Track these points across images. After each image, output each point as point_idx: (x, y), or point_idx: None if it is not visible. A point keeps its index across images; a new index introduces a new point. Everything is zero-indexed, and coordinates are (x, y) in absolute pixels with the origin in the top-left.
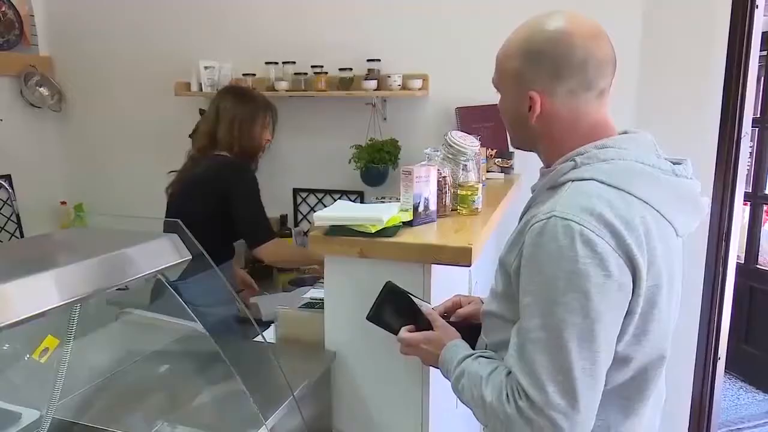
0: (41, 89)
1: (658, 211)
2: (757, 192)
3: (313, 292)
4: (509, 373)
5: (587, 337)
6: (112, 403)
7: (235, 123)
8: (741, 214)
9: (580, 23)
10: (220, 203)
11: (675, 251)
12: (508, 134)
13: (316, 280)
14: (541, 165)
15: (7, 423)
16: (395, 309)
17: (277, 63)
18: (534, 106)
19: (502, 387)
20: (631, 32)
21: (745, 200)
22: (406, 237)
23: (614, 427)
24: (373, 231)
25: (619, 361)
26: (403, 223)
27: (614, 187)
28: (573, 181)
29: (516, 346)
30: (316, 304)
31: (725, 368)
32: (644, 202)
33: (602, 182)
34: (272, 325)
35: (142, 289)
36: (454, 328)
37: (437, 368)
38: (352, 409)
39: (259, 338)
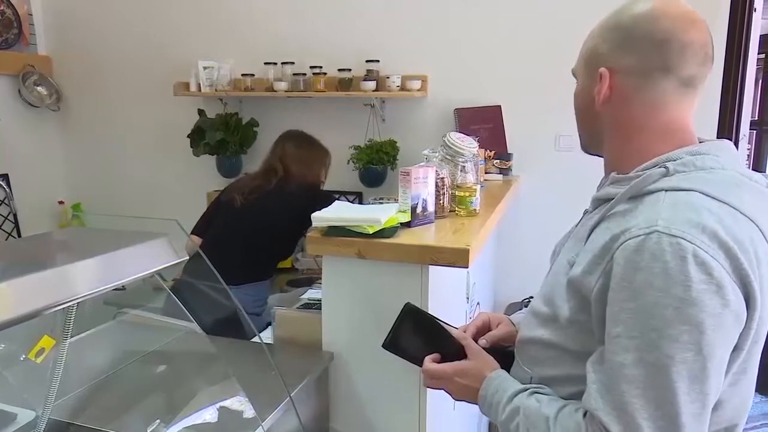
0: (39, 88)
1: (762, 232)
2: None
3: (310, 293)
4: (585, 414)
5: (699, 377)
6: (108, 403)
7: (303, 162)
8: None
9: (675, 5)
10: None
11: None
12: (578, 135)
13: (313, 281)
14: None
15: (3, 423)
16: (417, 334)
17: (276, 63)
18: (602, 86)
19: (581, 431)
20: None
21: None
22: (404, 238)
23: None
24: (371, 232)
25: (714, 406)
26: (401, 223)
27: (721, 201)
28: (667, 191)
29: (600, 383)
30: (314, 305)
31: None
32: (751, 220)
33: (707, 195)
34: (270, 325)
35: (140, 289)
36: (491, 356)
37: (473, 403)
38: (349, 410)
39: (256, 339)
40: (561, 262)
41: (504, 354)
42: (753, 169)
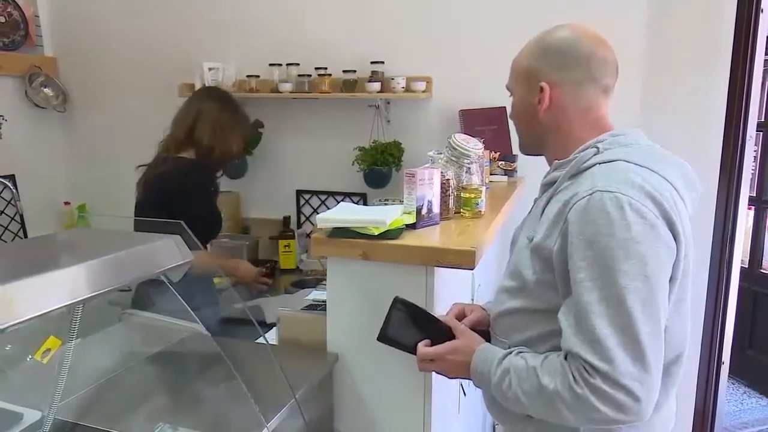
0: (46, 90)
1: (674, 188)
2: (761, 196)
3: (315, 294)
4: (566, 356)
5: (650, 301)
6: (113, 404)
7: (216, 128)
8: (745, 218)
9: (586, 30)
10: (177, 205)
11: (689, 224)
12: (518, 139)
13: (318, 282)
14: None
15: (9, 424)
16: (407, 324)
17: (281, 65)
18: (543, 98)
19: (566, 370)
20: (636, 33)
21: (749, 204)
22: (409, 239)
23: (658, 407)
24: (376, 233)
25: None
26: (407, 225)
27: (641, 166)
28: (600, 164)
29: (572, 326)
30: (319, 306)
31: (729, 373)
32: (665, 179)
33: (630, 161)
34: (275, 326)
35: (145, 290)
36: (476, 334)
37: (466, 379)
38: (354, 412)
39: (261, 340)
40: (522, 241)
41: (480, 334)
42: (760, 171)
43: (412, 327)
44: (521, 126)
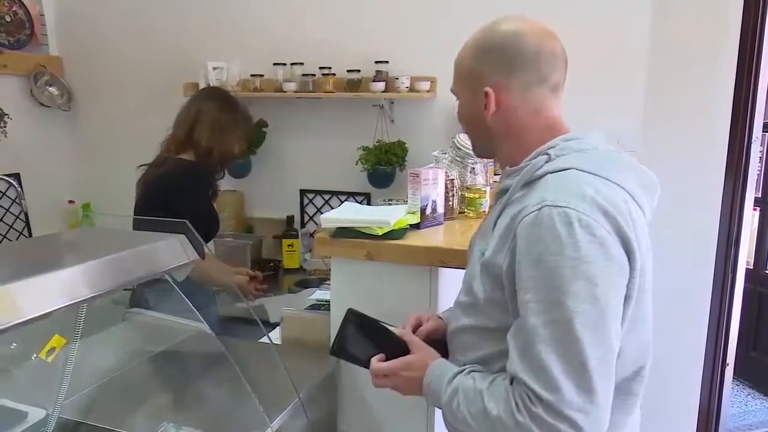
0: (51, 89)
1: (631, 196)
2: (767, 197)
3: (319, 294)
4: (512, 380)
5: (599, 325)
6: (117, 402)
7: (215, 128)
8: (750, 219)
9: (531, 23)
10: (175, 205)
11: (646, 235)
12: (470, 143)
13: (322, 281)
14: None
15: (14, 422)
16: (361, 337)
17: (285, 64)
18: (489, 103)
19: (509, 396)
20: (640, 32)
21: (754, 205)
22: (413, 239)
23: (618, 428)
24: (381, 233)
25: (618, 353)
26: (411, 225)
27: (595, 174)
28: (552, 172)
29: (518, 349)
30: (322, 306)
31: (733, 375)
32: (622, 187)
33: (583, 170)
34: (278, 326)
35: (149, 289)
36: (432, 348)
37: (419, 395)
38: (357, 411)
39: (264, 339)
40: (475, 254)
41: (435, 343)
42: (765, 172)
43: (366, 340)
44: (469, 131)
